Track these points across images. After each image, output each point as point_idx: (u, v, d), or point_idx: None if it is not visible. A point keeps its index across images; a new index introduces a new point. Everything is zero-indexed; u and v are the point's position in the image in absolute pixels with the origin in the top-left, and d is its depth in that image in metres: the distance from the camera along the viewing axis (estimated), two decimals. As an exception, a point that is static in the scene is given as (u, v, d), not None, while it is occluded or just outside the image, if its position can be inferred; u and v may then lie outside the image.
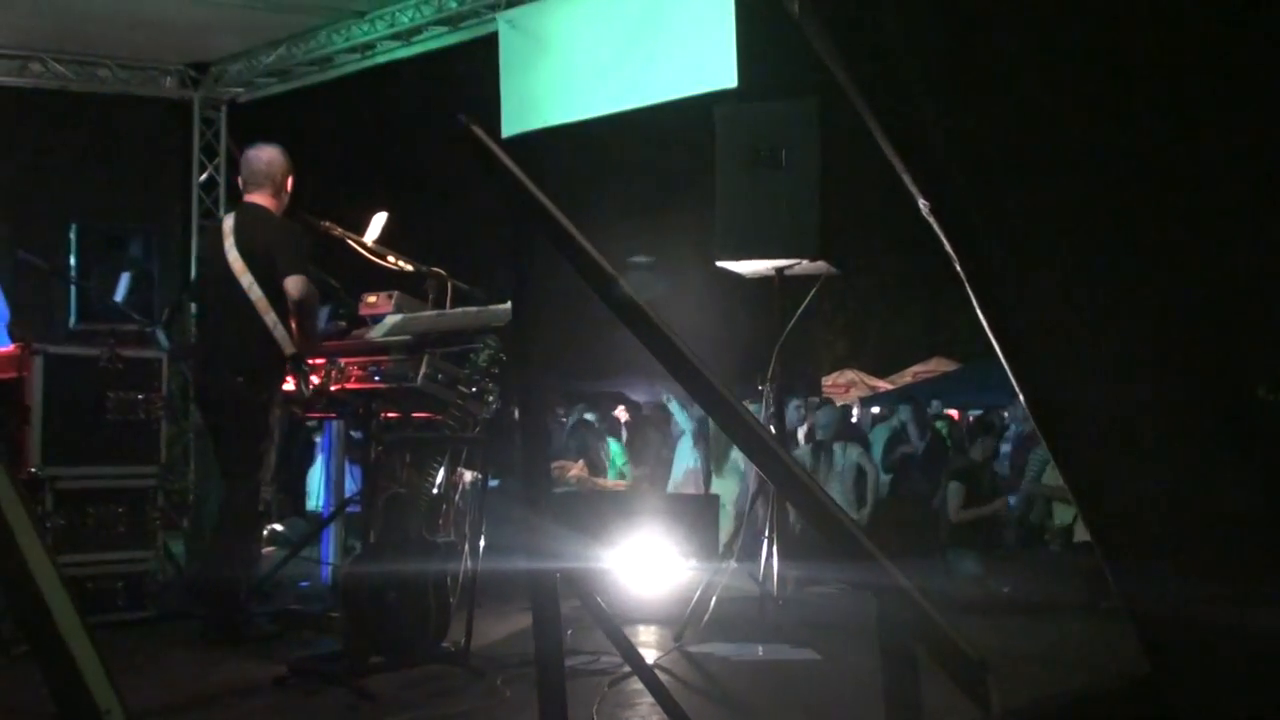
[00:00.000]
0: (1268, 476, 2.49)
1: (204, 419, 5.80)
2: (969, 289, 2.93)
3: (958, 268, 2.93)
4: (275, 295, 5.39)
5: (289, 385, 5.66)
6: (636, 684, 4.62)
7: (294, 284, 5.35)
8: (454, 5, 9.18)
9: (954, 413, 16.47)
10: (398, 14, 9.45)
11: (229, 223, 5.64)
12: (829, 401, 12.90)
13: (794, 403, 10.53)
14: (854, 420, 14.44)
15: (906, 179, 2.93)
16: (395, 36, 9.63)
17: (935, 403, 14.58)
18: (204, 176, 10.90)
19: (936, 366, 19.54)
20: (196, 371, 5.67)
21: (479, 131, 2.88)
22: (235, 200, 6.35)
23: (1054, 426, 2.83)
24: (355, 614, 4.66)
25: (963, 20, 2.73)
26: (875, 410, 14.75)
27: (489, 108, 9.18)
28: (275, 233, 5.50)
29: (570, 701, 2.64)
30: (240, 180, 5.79)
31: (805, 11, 2.86)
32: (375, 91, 12.19)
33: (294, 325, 5.42)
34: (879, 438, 11.53)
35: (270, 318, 5.40)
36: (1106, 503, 2.68)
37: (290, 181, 5.68)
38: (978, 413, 14.41)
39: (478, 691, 4.47)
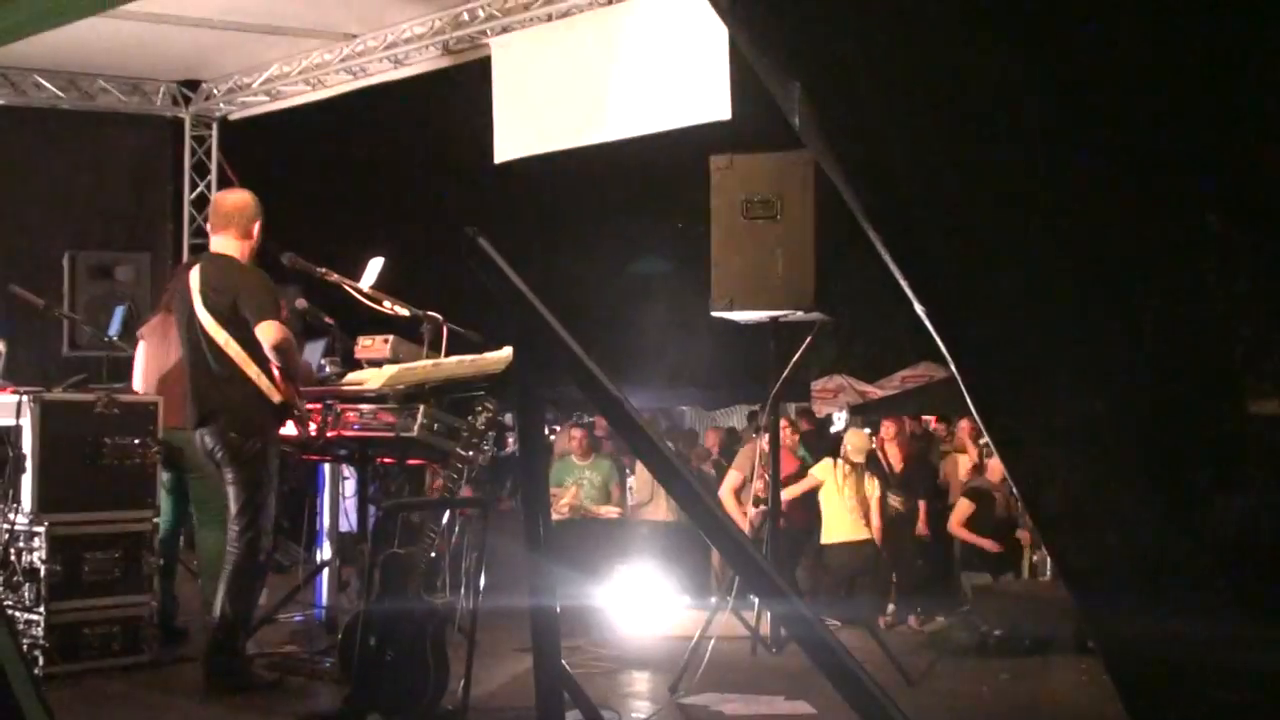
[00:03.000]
0: (1246, 504, 2.52)
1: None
2: (963, 388, 2.97)
3: (952, 367, 2.97)
4: (254, 345, 5.37)
5: (288, 429, 5.68)
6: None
7: (266, 332, 5.31)
8: (447, 29, 9.18)
9: (933, 419, 16.45)
10: (389, 35, 9.45)
11: (195, 276, 5.56)
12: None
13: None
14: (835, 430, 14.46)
15: (904, 283, 2.97)
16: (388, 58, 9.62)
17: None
18: (195, 194, 10.91)
19: (926, 371, 19.54)
20: (190, 426, 5.63)
21: (486, 245, 2.91)
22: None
23: (1019, 463, 2.85)
24: (353, 676, 4.69)
25: (959, 134, 2.76)
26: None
27: (482, 132, 9.20)
28: (240, 282, 5.46)
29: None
30: (209, 225, 5.76)
31: (806, 126, 2.89)
32: (368, 113, 12.17)
33: (276, 372, 5.40)
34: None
35: (253, 370, 5.38)
36: (1073, 535, 2.72)
37: (257, 226, 5.61)
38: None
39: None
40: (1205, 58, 2.14)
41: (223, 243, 5.62)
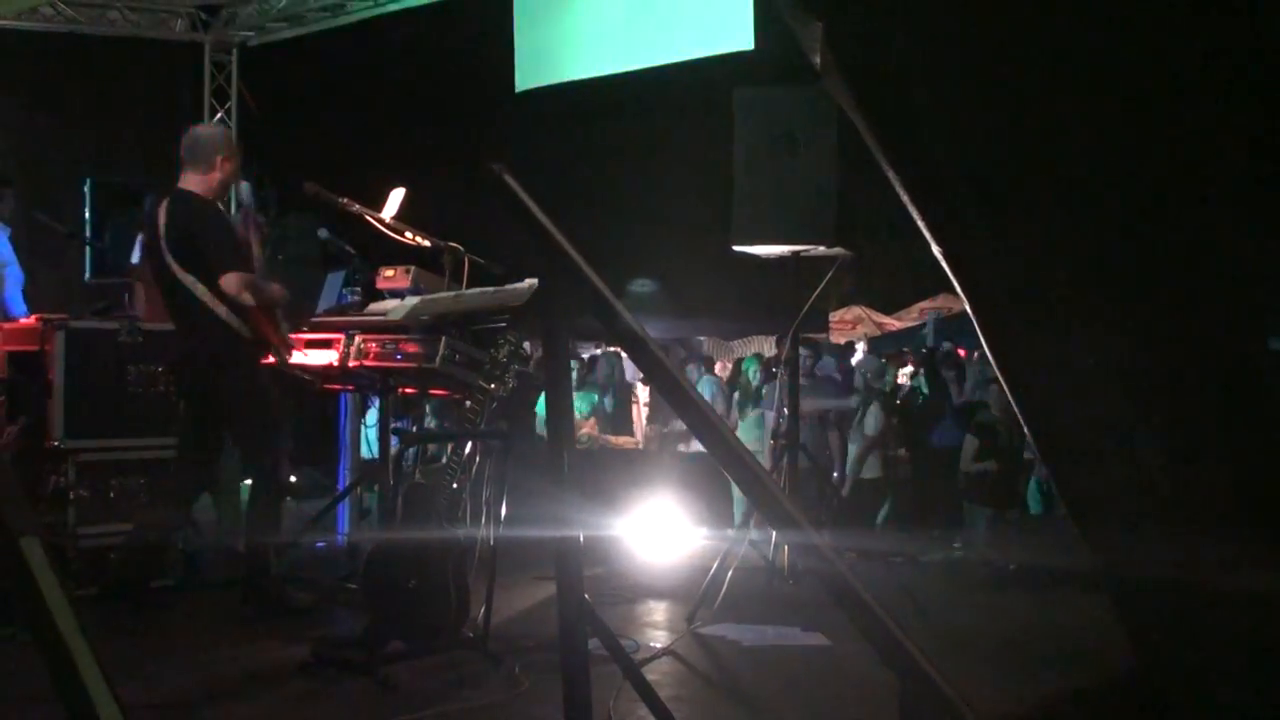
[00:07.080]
0: (1254, 444, 2.53)
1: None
2: (976, 325, 2.97)
3: (966, 306, 2.96)
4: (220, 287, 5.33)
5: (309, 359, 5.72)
6: (653, 673, 4.73)
7: (228, 284, 5.27)
8: (469, -46, 9.11)
9: (962, 351, 16.44)
10: (412, -40, 9.38)
11: (162, 215, 5.45)
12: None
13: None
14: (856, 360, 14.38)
15: (922, 225, 2.97)
16: (409, -16, 9.55)
17: (945, 344, 14.58)
18: (214, 120, 10.87)
19: (944, 303, 19.50)
20: (179, 366, 5.62)
21: (510, 181, 2.92)
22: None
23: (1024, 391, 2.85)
24: (377, 604, 4.76)
25: (979, 72, 2.75)
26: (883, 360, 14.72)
27: (504, 59, 9.15)
28: (202, 225, 5.39)
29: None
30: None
31: (827, 66, 2.87)
32: (389, 41, 12.09)
33: (255, 317, 5.38)
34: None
35: (222, 310, 5.34)
36: (1083, 470, 2.74)
37: (221, 159, 5.52)
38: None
39: (497, 681, 4.56)
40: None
41: (187, 178, 5.54)
